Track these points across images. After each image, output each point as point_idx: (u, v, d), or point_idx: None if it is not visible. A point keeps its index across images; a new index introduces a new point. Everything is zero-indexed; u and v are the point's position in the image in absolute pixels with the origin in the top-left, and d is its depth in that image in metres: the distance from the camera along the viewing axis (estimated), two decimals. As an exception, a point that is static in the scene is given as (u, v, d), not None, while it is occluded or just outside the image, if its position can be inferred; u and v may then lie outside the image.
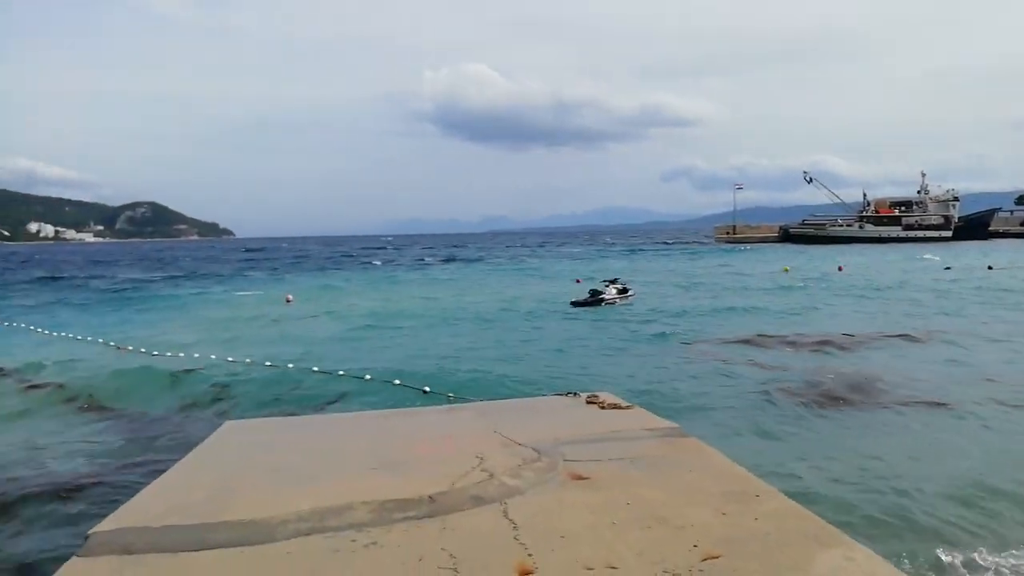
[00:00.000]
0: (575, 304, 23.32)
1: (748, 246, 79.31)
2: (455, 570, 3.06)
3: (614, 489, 3.93)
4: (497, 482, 4.09)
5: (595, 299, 23.36)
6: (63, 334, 17.86)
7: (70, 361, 14.44)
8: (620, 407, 5.92)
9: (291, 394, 10.36)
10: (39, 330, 19.09)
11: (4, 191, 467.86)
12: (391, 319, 21.19)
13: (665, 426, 5.28)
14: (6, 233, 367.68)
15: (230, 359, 13.08)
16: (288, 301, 28.06)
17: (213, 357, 13.28)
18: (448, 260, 67.38)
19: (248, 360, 12.72)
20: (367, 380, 10.56)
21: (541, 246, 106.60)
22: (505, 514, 3.64)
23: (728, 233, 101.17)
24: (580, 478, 4.14)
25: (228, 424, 6.11)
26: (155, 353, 14.69)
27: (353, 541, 3.39)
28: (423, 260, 65.71)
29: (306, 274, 49.04)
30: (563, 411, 6.00)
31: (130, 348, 15.57)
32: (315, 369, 11.43)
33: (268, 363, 12.44)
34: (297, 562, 3.23)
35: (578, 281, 31.80)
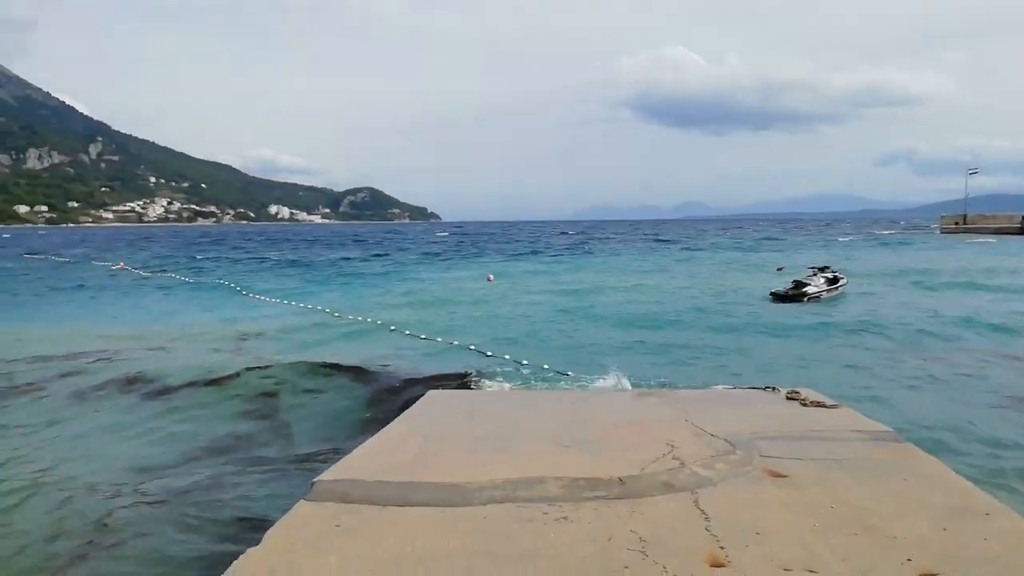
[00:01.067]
0: (776, 297, 21.65)
1: (981, 238, 69.73)
2: (644, 553, 3.05)
3: (816, 490, 3.70)
4: (688, 471, 4.01)
5: (799, 292, 21.54)
6: (304, 305, 19.86)
7: (308, 327, 16.10)
8: (825, 405, 5.55)
9: (486, 369, 10.81)
10: (275, 300, 21.50)
11: (251, 178, 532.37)
12: (588, 301, 21.30)
13: (877, 429, 4.86)
14: (251, 214, 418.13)
15: (423, 337, 13.96)
16: (489, 280, 29.26)
17: (422, 337, 14.21)
18: (639, 245, 66.24)
19: (440, 339, 13.47)
20: (541, 368, 10.79)
21: (739, 233, 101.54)
22: (696, 504, 3.56)
23: (957, 223, 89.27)
24: (778, 475, 3.95)
25: (431, 393, 6.53)
26: (370, 320, 16.00)
27: (545, 513, 3.50)
28: (615, 245, 65.27)
29: (506, 255, 50.76)
30: (759, 405, 5.73)
31: (350, 316, 17.11)
32: (507, 356, 11.83)
33: (456, 342, 13.08)
34: (492, 526, 3.40)
35: (779, 269, 29.66)
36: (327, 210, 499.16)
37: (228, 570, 3.28)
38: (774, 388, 6.23)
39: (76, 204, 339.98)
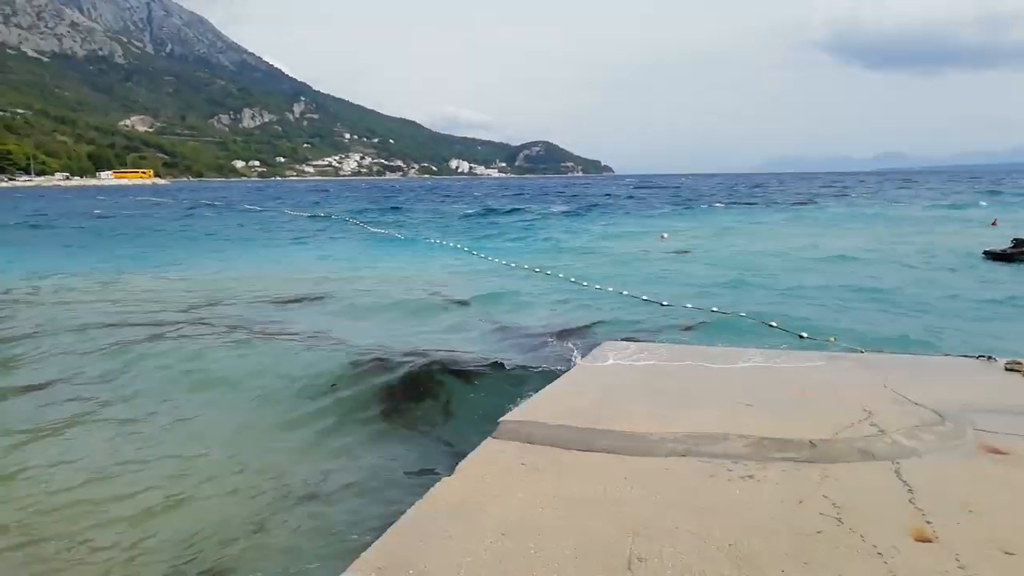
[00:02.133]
0: (990, 255, 18.95)
1: None
2: (839, 520, 2.91)
3: (1043, 471, 3.32)
4: (888, 439, 3.74)
5: (1020, 251, 18.66)
6: (489, 257, 20.56)
7: (488, 275, 16.74)
8: (1056, 379, 4.93)
9: (656, 324, 10.64)
10: (463, 250, 22.38)
11: (434, 133, 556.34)
12: (770, 258, 20.24)
13: (1124, 409, 4.26)
14: (434, 168, 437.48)
15: (596, 286, 13.91)
16: (663, 238, 28.59)
17: (585, 284, 14.25)
18: (829, 197, 61.06)
19: (615, 289, 13.36)
20: (738, 316, 10.33)
21: (945, 184, 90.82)
22: (898, 474, 3.33)
23: None
24: (996, 452, 3.58)
25: (607, 343, 6.55)
26: (548, 272, 16.27)
27: (729, 470, 3.43)
28: (803, 199, 60.80)
29: (681, 210, 49.26)
30: (972, 375, 5.20)
31: (525, 266, 17.49)
32: (687, 306, 11.54)
33: (627, 293, 12.90)
34: (673, 478, 3.39)
35: (994, 223, 25.97)
36: (503, 164, 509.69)
37: (427, 494, 3.54)
38: (990, 357, 5.62)
39: (283, 159, 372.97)
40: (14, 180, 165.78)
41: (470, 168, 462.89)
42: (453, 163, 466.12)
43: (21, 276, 18.02)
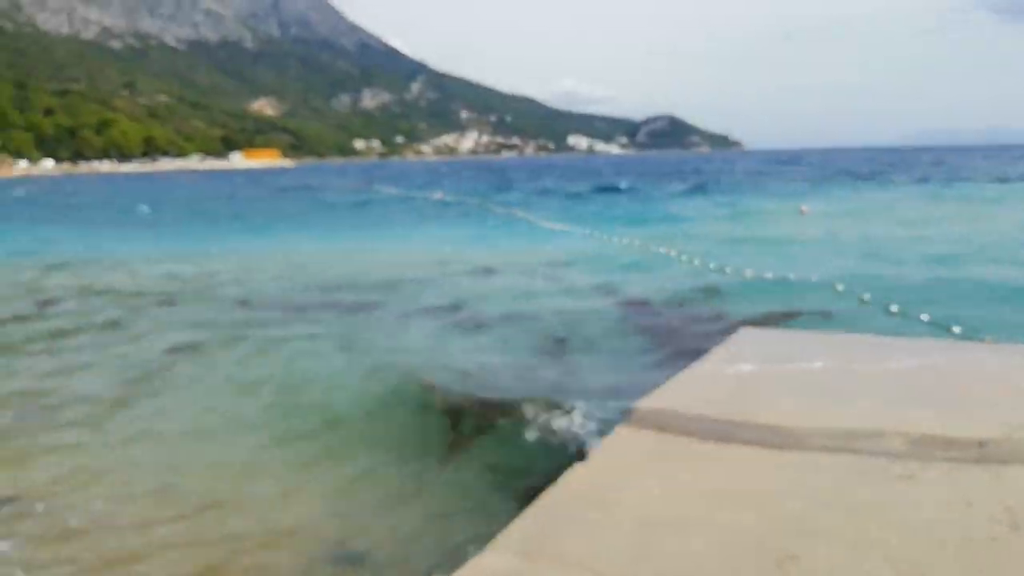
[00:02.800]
0: None
1: None
2: (1015, 527, 2.68)
3: None
4: (1072, 442, 3.40)
5: None
6: (615, 238, 20.24)
7: (614, 256, 16.51)
8: None
9: (796, 308, 10.11)
10: (583, 231, 22.13)
11: (551, 109, 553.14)
12: (927, 242, 18.47)
13: None
14: (551, 146, 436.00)
15: (728, 268, 13.39)
16: (803, 212, 27.00)
17: (715, 265, 13.77)
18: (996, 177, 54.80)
19: (751, 271, 12.85)
20: (886, 304, 9.65)
21: None
22: (1088, 482, 3.02)
23: None
24: None
25: (743, 330, 6.32)
26: (674, 253, 15.84)
27: (886, 469, 3.23)
28: (963, 173, 55.55)
29: (821, 186, 46.55)
30: None
31: (650, 246, 17.12)
32: (837, 287, 10.88)
33: (764, 275, 12.37)
34: (825, 475, 3.23)
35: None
36: (624, 139, 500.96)
37: (560, 479, 3.56)
38: None
39: (401, 139, 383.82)
40: (157, 163, 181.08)
41: (589, 144, 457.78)
42: (571, 140, 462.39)
43: (175, 251, 19.72)
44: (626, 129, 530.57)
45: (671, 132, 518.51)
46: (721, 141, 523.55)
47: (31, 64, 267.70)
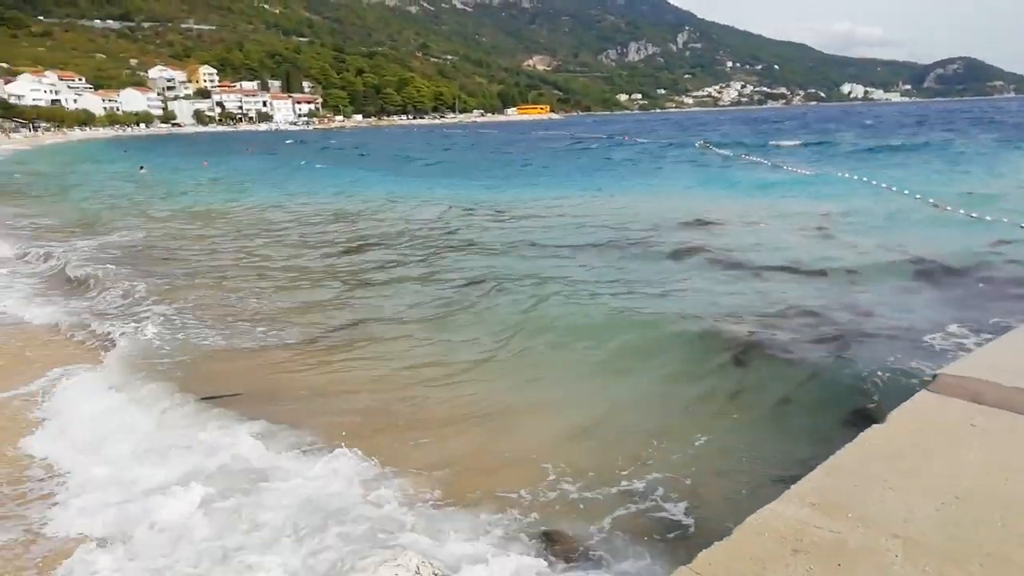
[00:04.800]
0: None
1: None
2: None
3: None
4: None
5: None
6: (898, 190, 18.42)
7: (902, 212, 15.06)
8: None
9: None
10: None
11: (825, 55, 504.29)
12: None
13: None
14: (822, 95, 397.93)
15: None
16: None
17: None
18: None
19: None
20: None
21: None
22: None
23: None
24: None
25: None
26: (975, 214, 13.99)
27: None
28: None
29: None
30: None
31: (947, 208, 15.26)
32: None
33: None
34: None
35: None
36: (907, 87, 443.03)
37: (857, 438, 3.48)
38: None
39: (663, 91, 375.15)
40: (443, 117, 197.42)
41: (865, 92, 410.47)
42: (845, 88, 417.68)
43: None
44: (911, 74, 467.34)
45: (967, 76, 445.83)
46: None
47: (348, 30, 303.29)
